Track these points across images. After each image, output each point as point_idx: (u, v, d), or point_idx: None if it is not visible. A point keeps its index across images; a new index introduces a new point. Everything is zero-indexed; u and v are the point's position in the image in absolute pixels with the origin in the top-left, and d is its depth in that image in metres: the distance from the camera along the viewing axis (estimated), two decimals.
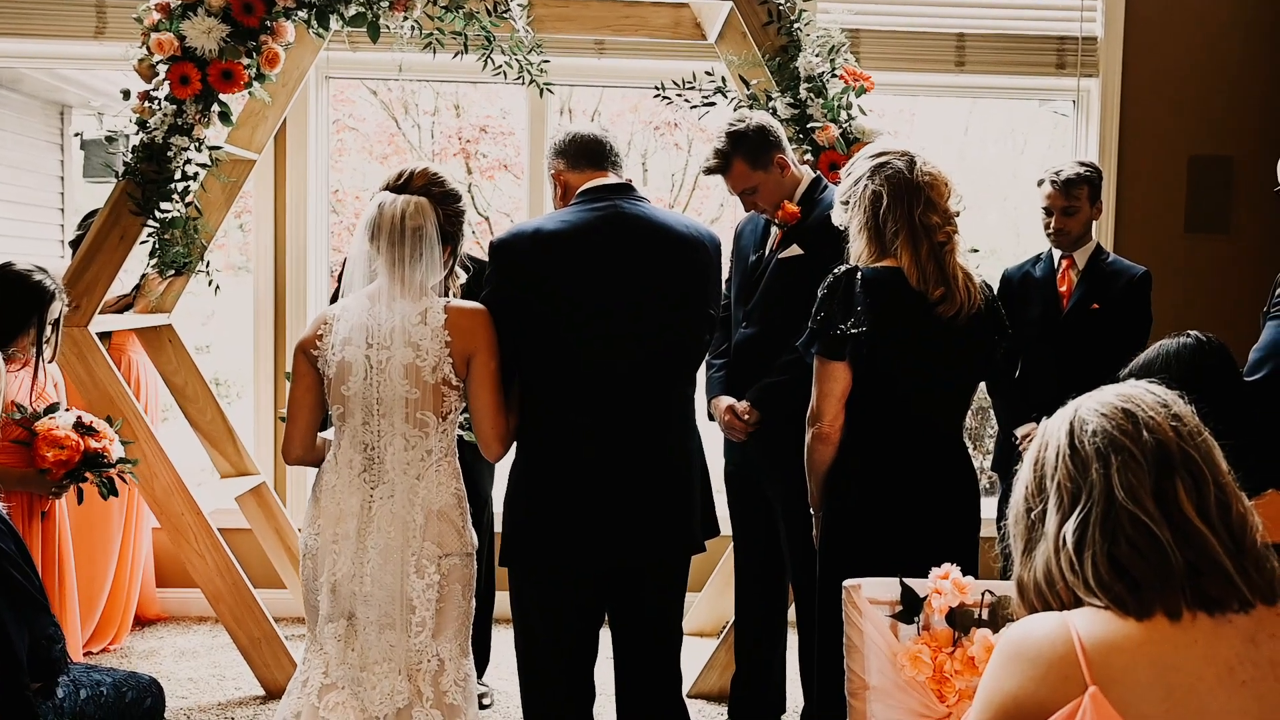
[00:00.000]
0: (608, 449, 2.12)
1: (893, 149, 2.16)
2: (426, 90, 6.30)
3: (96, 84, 5.16)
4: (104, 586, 3.63)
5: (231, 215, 4.20)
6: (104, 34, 3.99)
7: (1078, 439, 1.16)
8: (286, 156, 4.06)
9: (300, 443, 2.13)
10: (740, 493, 2.90)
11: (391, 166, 2.17)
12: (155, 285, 3.44)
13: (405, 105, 6.50)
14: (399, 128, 6.48)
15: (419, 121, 6.57)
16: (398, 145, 6.62)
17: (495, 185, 6.52)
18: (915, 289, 2.08)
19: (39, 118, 5.37)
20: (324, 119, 4.18)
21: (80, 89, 5.25)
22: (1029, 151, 7.54)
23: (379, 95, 6.37)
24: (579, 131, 2.31)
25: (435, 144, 6.43)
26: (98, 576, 3.61)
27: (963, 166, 7.20)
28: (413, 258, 2.06)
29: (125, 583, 3.71)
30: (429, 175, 2.12)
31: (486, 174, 6.36)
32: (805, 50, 3.15)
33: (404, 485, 2.05)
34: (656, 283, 2.15)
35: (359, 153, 6.80)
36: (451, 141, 6.31)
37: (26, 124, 5.26)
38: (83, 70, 4.91)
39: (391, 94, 6.42)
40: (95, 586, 3.59)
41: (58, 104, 5.53)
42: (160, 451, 3.28)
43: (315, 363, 2.10)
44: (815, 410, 2.14)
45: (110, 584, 3.66)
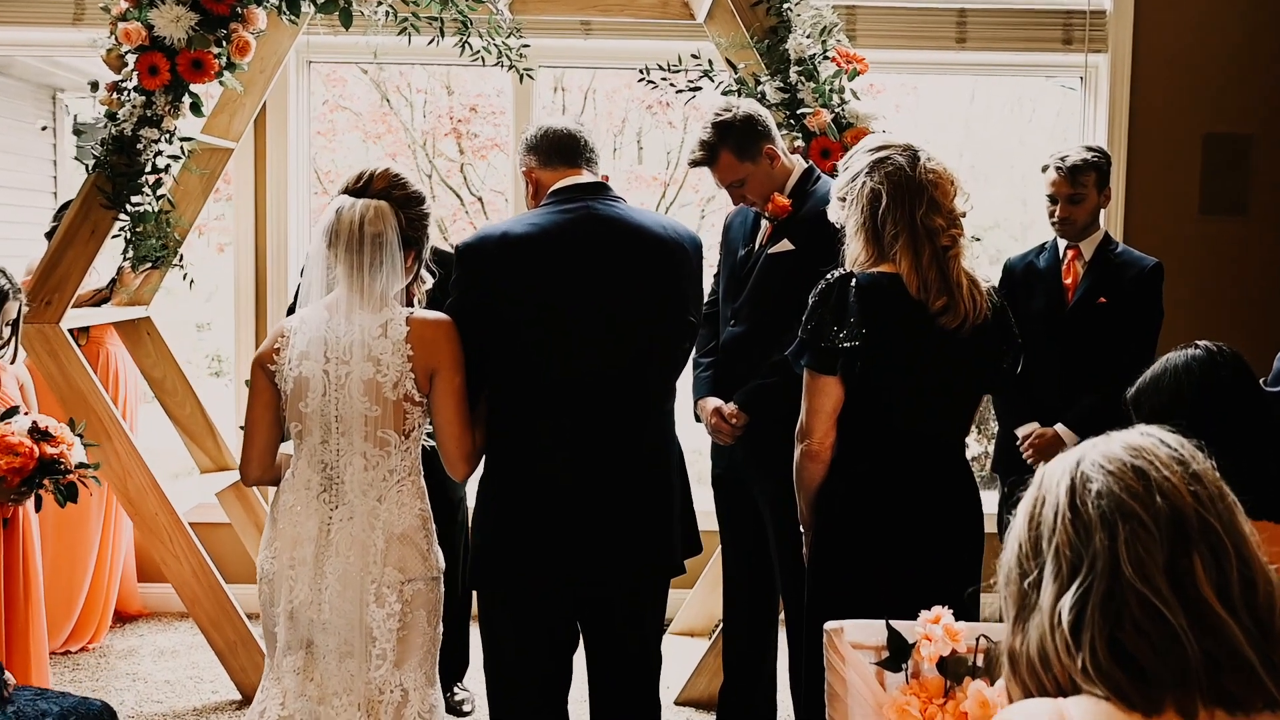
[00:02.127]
0: (581, 465, 2.01)
1: (894, 142, 2.00)
2: (418, 69, 6.14)
3: (88, 68, 5.05)
4: (82, 584, 3.57)
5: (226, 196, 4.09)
6: (82, 20, 3.87)
7: (1080, 499, 1.00)
8: (267, 142, 3.95)
9: (258, 462, 2.03)
10: (728, 497, 2.80)
11: (367, 164, 2.04)
12: (130, 279, 3.35)
13: (397, 85, 6.35)
14: (390, 107, 6.33)
15: (411, 100, 6.42)
16: (390, 125, 6.48)
17: (489, 164, 6.38)
18: (915, 298, 1.93)
19: (30, 101, 5.27)
20: (305, 103, 4.06)
21: (71, 73, 5.15)
22: (1036, 120, 7.36)
23: (369, 75, 6.22)
24: (551, 126, 2.18)
25: (427, 123, 6.29)
26: (76, 574, 3.55)
27: (968, 137, 7.02)
28: (373, 266, 1.95)
29: (105, 579, 3.65)
30: (390, 177, 2.00)
31: (479, 153, 6.22)
32: (796, 31, 3.00)
33: (364, 507, 1.95)
34: (632, 289, 2.04)
35: (352, 132, 6.66)
36: (443, 120, 6.17)
37: (18, 108, 5.17)
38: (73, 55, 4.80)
39: (384, 73, 6.27)
40: (74, 584, 3.54)
41: (49, 87, 5.43)
42: (133, 450, 3.20)
43: (273, 378, 2.00)
44: (804, 426, 2.01)
45: (89, 581, 3.59)
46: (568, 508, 2.01)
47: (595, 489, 2.01)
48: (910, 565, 1.93)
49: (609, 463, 2.02)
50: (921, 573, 1.91)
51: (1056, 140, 7.40)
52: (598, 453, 2.02)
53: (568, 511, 2.01)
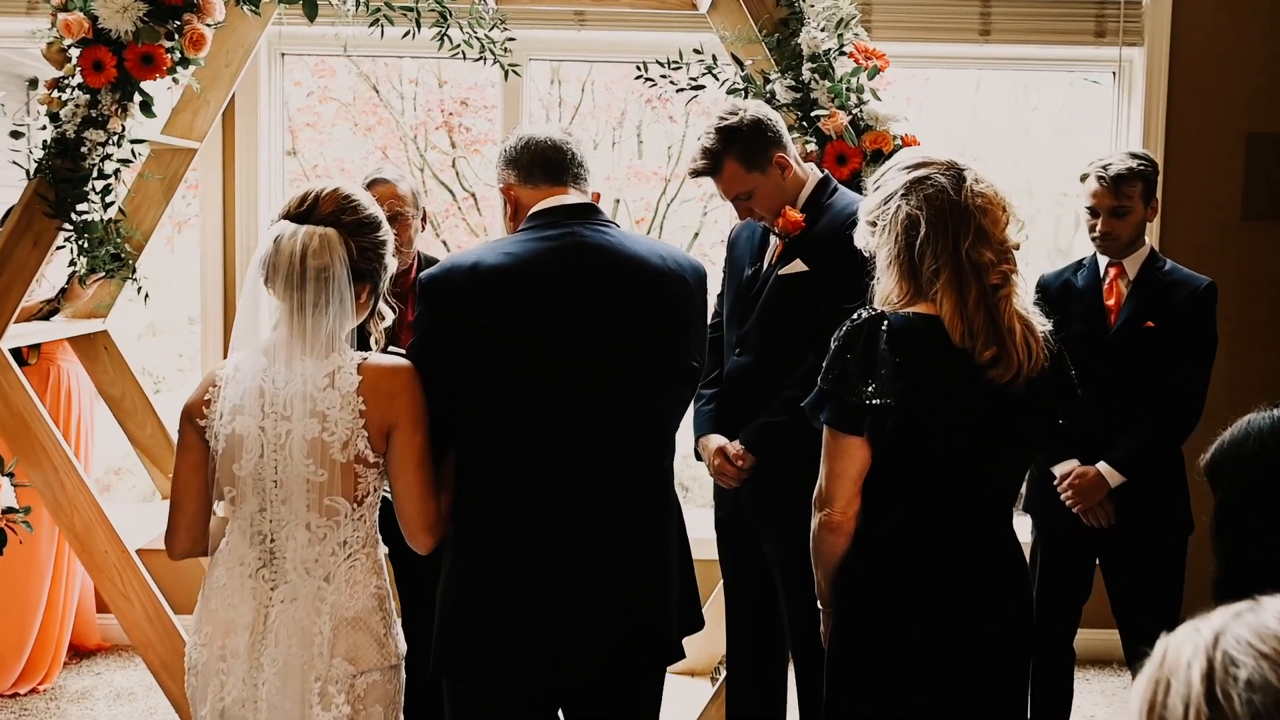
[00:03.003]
0: (564, 534, 1.74)
1: (935, 159, 1.70)
2: (408, 59, 5.84)
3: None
4: (33, 621, 3.31)
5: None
6: (37, 9, 3.58)
7: (1221, 688, 0.72)
8: (236, 139, 3.66)
9: (186, 532, 1.75)
10: (732, 543, 2.52)
11: (313, 183, 1.75)
12: (80, 292, 3.06)
13: (388, 76, 6.05)
14: (381, 98, 6.03)
15: (402, 91, 6.12)
16: (381, 116, 6.18)
17: (484, 158, 6.09)
18: (959, 346, 1.63)
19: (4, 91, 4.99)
20: (278, 97, 3.77)
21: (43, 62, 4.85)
22: (1043, 109, 7.08)
23: (360, 66, 5.91)
24: (534, 136, 1.88)
25: (417, 115, 5.99)
26: (27, 611, 3.29)
27: (974, 126, 6.74)
28: (317, 305, 1.67)
29: (58, 614, 3.38)
30: (339, 199, 1.72)
31: (471, 147, 5.92)
32: (809, 24, 2.71)
33: (308, 588, 1.68)
34: (625, 330, 1.75)
35: (343, 123, 6.37)
36: (434, 113, 5.87)
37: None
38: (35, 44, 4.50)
39: (375, 64, 5.97)
40: (24, 622, 3.28)
41: (20, 78, 5.14)
42: (81, 483, 2.93)
43: (203, 434, 1.72)
44: (824, 492, 1.71)
45: (40, 617, 3.33)
46: (547, 583, 1.73)
47: (581, 562, 1.74)
48: (948, 658, 1.64)
49: (597, 533, 1.75)
50: (961, 668, 1.63)
51: (1062, 131, 7.11)
52: (584, 521, 1.74)
53: (547, 587, 1.73)
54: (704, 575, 3.03)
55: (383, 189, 2.66)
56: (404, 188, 2.71)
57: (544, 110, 5.73)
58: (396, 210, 2.64)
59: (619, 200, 6.00)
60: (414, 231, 2.71)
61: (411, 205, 2.70)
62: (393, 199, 2.65)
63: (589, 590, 1.74)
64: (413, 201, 2.71)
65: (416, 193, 2.75)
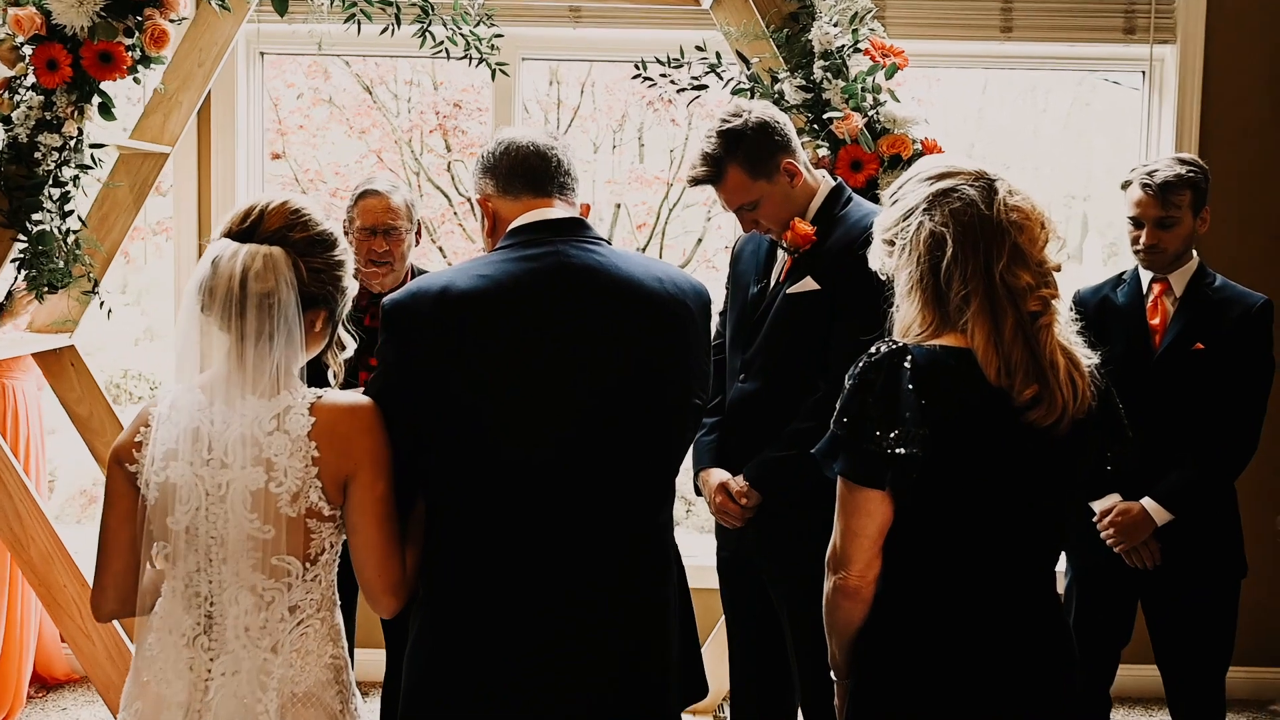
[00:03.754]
0: (546, 600, 1.52)
1: (962, 168, 1.48)
2: (403, 60, 5.65)
3: None
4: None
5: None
6: None
7: None
8: (212, 141, 3.46)
9: (114, 592, 1.54)
10: (737, 586, 2.31)
11: (258, 196, 1.55)
12: (21, 306, 2.86)
13: (382, 77, 5.86)
14: (375, 99, 5.84)
15: (396, 93, 5.93)
16: (375, 119, 5.99)
17: None
18: (994, 385, 1.42)
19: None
20: (257, 98, 3.57)
21: None
22: (1051, 110, 6.88)
23: (353, 66, 5.72)
24: (515, 140, 1.66)
25: (412, 117, 5.79)
26: None
27: (981, 128, 6.54)
28: (260, 336, 1.46)
29: (17, 645, 3.18)
30: (287, 214, 1.51)
31: (468, 151, 5.72)
32: (820, 18, 2.50)
33: (253, 660, 1.47)
34: (615, 363, 1.53)
35: (337, 126, 6.19)
36: (427, 117, 5.67)
37: None
38: None
39: (368, 64, 5.78)
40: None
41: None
42: (36, 509, 2.74)
43: (134, 480, 1.51)
44: (838, 553, 1.49)
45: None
46: (526, 655, 1.52)
47: (566, 632, 1.53)
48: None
49: (585, 598, 1.53)
50: None
51: (1073, 132, 6.91)
52: (569, 584, 1.53)
53: (526, 660, 1.52)
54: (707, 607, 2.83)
55: (374, 201, 2.49)
56: (397, 199, 2.51)
57: (542, 112, 5.54)
58: (389, 224, 2.47)
59: (620, 205, 5.80)
60: (407, 246, 2.51)
61: (405, 218, 2.50)
62: (385, 212, 2.47)
63: (575, 663, 1.53)
64: (406, 214, 2.51)
65: (411, 204, 2.55)
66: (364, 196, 2.51)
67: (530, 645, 1.52)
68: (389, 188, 2.54)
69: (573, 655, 1.53)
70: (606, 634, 1.54)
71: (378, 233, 2.45)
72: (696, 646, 1.71)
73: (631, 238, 5.87)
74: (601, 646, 1.54)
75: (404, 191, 2.56)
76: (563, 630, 1.52)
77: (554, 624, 1.52)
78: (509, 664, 1.52)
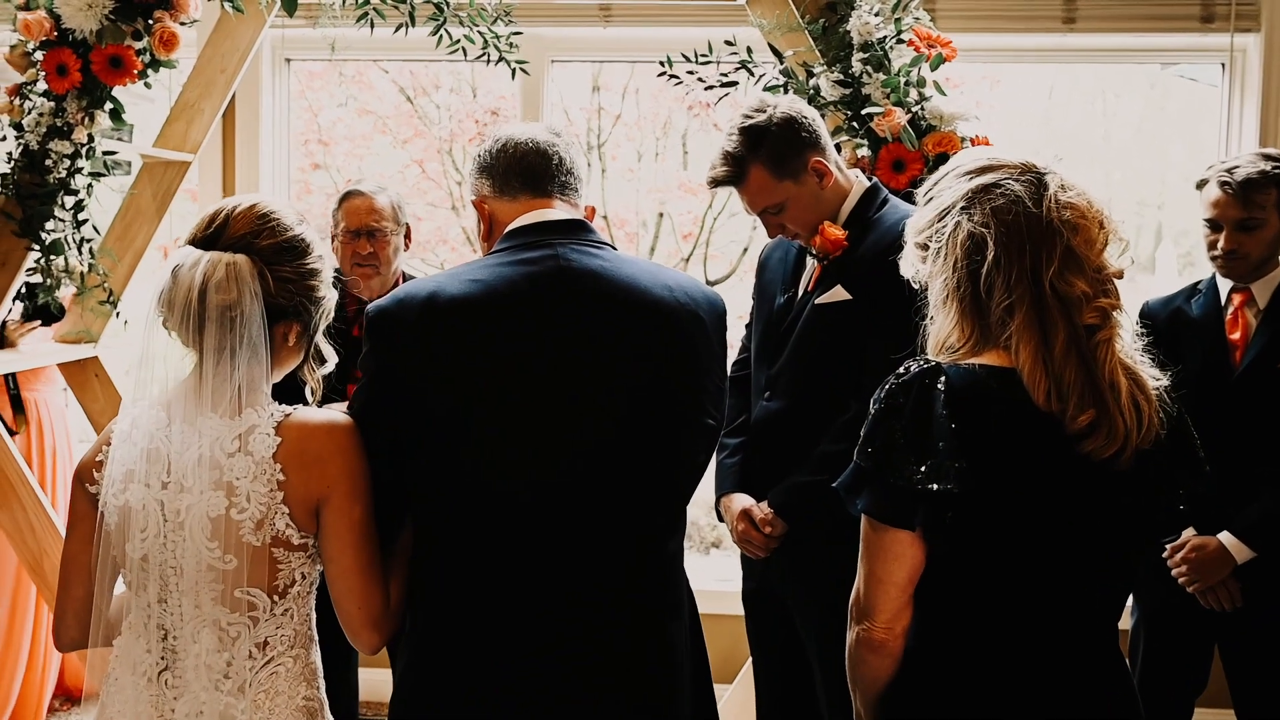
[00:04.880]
0: (542, 637, 1.38)
1: (1005, 161, 1.31)
2: (444, 68, 5.60)
3: None
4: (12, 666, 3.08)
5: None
6: None
7: None
8: (236, 149, 3.41)
9: (76, 619, 1.44)
10: (762, 618, 2.14)
11: (225, 201, 1.43)
12: (13, 334, 2.82)
13: (423, 86, 5.81)
14: (414, 108, 5.79)
15: (438, 101, 5.87)
16: (417, 128, 5.95)
17: None
18: (1042, 410, 1.24)
19: None
20: (283, 105, 3.51)
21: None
22: (1122, 114, 6.57)
23: (391, 75, 5.69)
24: (513, 137, 1.53)
25: (452, 125, 5.73)
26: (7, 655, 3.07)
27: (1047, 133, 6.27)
28: (222, 351, 1.34)
29: (40, 658, 3.15)
30: (254, 218, 1.39)
31: None
32: (860, 8, 2.32)
33: (215, 703, 1.35)
34: (620, 380, 1.39)
35: (379, 135, 6.17)
36: (466, 125, 5.60)
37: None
38: None
39: (408, 72, 5.74)
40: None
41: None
42: (51, 525, 2.69)
43: (96, 501, 1.41)
44: (862, 601, 1.31)
45: (15, 657, 3.09)
46: (524, 702, 1.37)
47: (563, 678, 1.38)
48: None
49: (585, 641, 1.38)
50: None
51: (1146, 136, 6.59)
52: (567, 625, 1.38)
53: (525, 707, 1.38)
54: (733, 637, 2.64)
55: (358, 201, 2.44)
56: (382, 200, 2.45)
57: (584, 119, 5.43)
58: (373, 225, 2.41)
59: (663, 214, 5.66)
60: (394, 249, 2.42)
61: (391, 220, 2.43)
62: (369, 213, 2.42)
63: (570, 705, 1.38)
64: (393, 216, 2.43)
65: (398, 206, 2.48)
66: (348, 198, 2.47)
67: (527, 687, 1.37)
68: (374, 189, 2.50)
69: (571, 706, 1.38)
70: (610, 683, 1.39)
71: (362, 234, 2.39)
72: (710, 694, 1.54)
73: (676, 247, 5.72)
74: (604, 699, 1.39)
75: (390, 193, 2.51)
76: (560, 677, 1.38)
77: (549, 671, 1.38)
78: (499, 713, 1.38)
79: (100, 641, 1.45)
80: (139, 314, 3.10)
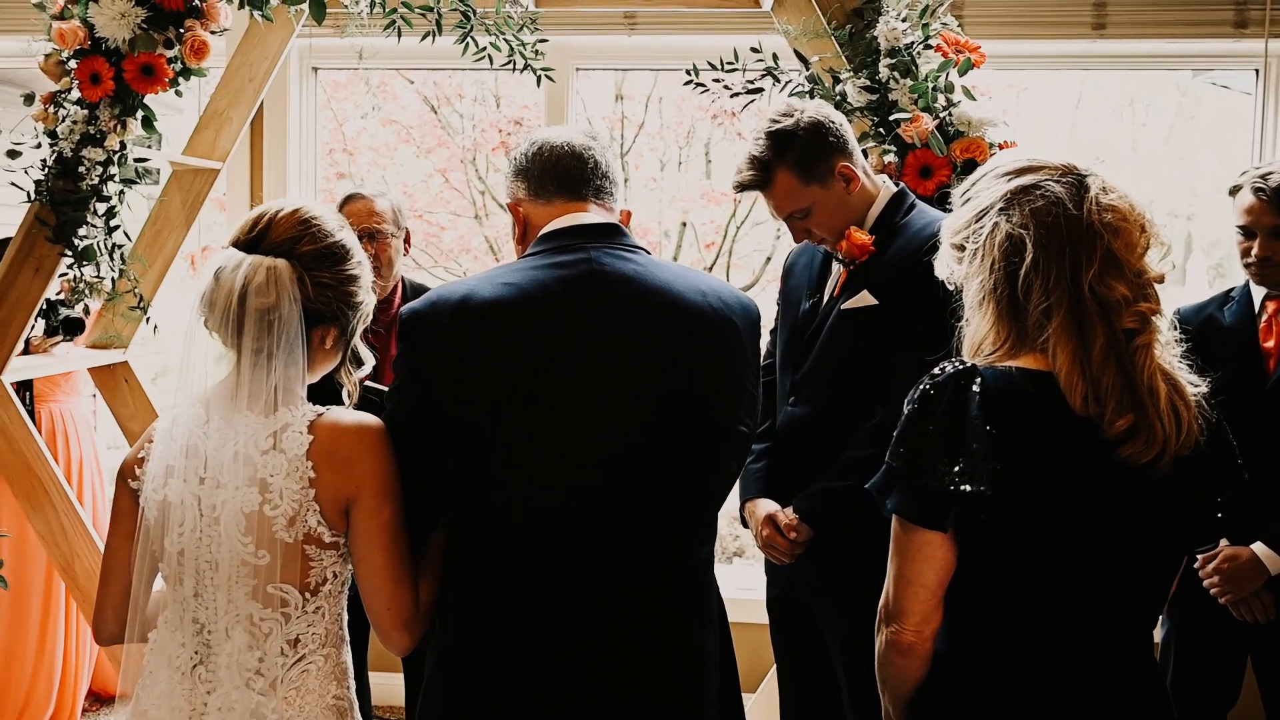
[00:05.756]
0: (569, 641, 1.38)
1: (1046, 162, 1.30)
2: (467, 78, 5.64)
3: None
4: (33, 666, 3.12)
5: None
6: None
7: None
8: (264, 158, 3.45)
9: (115, 614, 1.47)
10: (787, 625, 2.13)
11: (269, 204, 1.45)
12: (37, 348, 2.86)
13: (447, 96, 5.86)
14: (438, 117, 5.83)
15: (461, 111, 5.91)
16: (441, 138, 5.99)
17: None
18: (1079, 413, 1.23)
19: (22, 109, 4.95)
20: (310, 114, 3.55)
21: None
22: (1151, 124, 6.52)
23: (416, 84, 5.74)
24: (549, 140, 1.53)
25: (476, 134, 5.77)
26: (25, 654, 3.10)
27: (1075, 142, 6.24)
28: (259, 353, 1.36)
29: (73, 659, 3.19)
30: (296, 223, 1.40)
31: None
32: (887, 12, 2.32)
33: (246, 700, 1.36)
34: (652, 385, 1.38)
35: (404, 145, 6.22)
36: (490, 134, 5.64)
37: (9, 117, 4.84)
38: None
39: (433, 81, 5.79)
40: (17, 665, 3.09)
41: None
42: (82, 527, 2.72)
43: (137, 498, 1.43)
44: (892, 603, 1.30)
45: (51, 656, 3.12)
46: (547, 702, 1.38)
47: (592, 683, 1.38)
48: None
49: (614, 646, 1.38)
50: None
51: (1175, 146, 6.54)
52: (596, 630, 1.38)
53: (548, 708, 1.38)
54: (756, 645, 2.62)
55: (358, 205, 2.47)
56: (382, 204, 2.48)
57: (607, 128, 5.45)
58: (374, 228, 2.43)
59: (686, 223, 5.67)
60: (394, 253, 2.46)
61: (391, 223, 2.46)
62: (370, 215, 2.44)
63: (600, 717, 1.38)
64: (393, 219, 2.47)
65: (399, 210, 2.52)
66: (349, 201, 2.49)
67: (558, 693, 1.37)
68: (375, 192, 2.53)
69: (595, 699, 1.38)
70: (638, 688, 1.38)
71: (363, 237, 2.41)
72: (738, 700, 1.53)
73: (699, 256, 5.72)
74: (633, 702, 1.38)
75: (391, 197, 2.54)
76: (589, 683, 1.38)
77: (579, 676, 1.38)
78: (524, 710, 1.38)
79: (137, 636, 1.47)
80: (168, 319, 3.15)
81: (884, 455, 1.30)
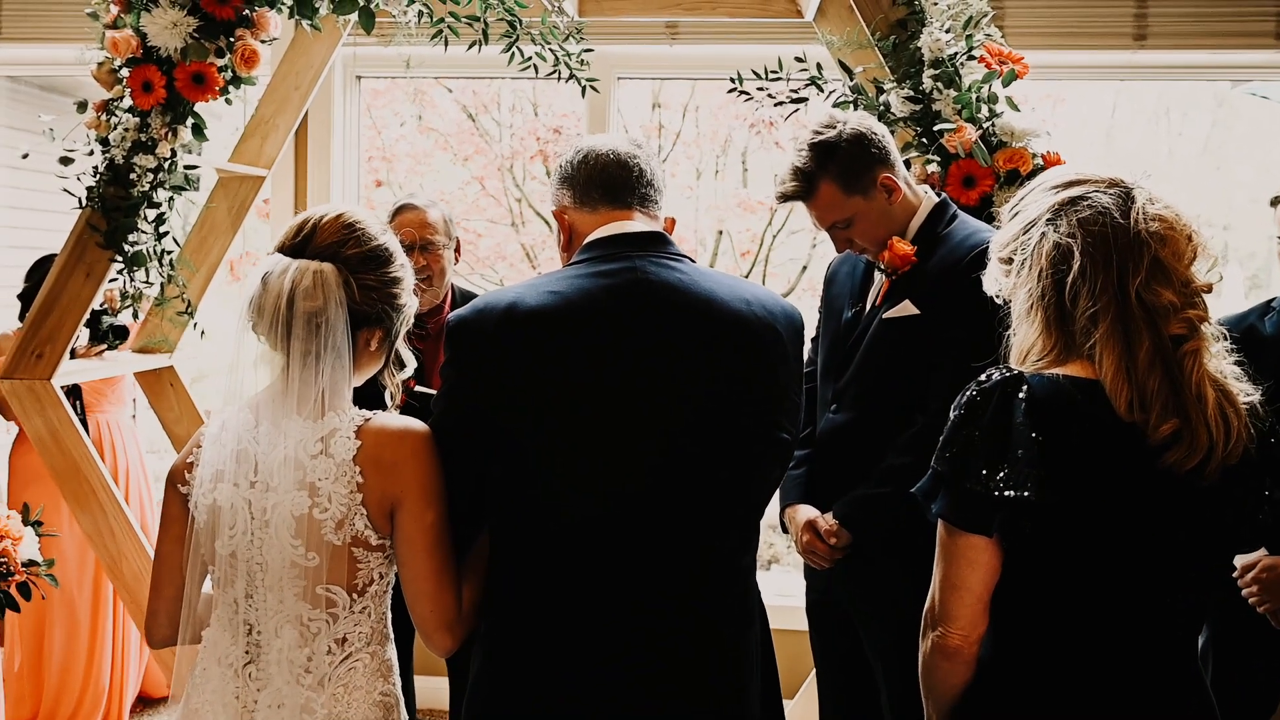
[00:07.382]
0: (609, 646, 1.39)
1: (1093, 175, 1.31)
2: (505, 86, 5.69)
3: None
4: (81, 669, 3.18)
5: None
6: None
7: None
8: (309, 165, 3.50)
9: (168, 617, 1.50)
10: (826, 630, 2.13)
11: (314, 209, 1.47)
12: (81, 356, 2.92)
13: (485, 104, 5.91)
14: (476, 125, 5.89)
15: (499, 119, 5.96)
16: (478, 146, 6.05)
17: None
18: (1125, 419, 1.24)
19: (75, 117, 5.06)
20: (354, 122, 3.60)
21: None
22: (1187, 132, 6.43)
23: (454, 93, 5.80)
24: (594, 148, 1.55)
25: (513, 143, 5.81)
26: (74, 660, 3.16)
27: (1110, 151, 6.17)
28: (307, 356, 1.38)
29: (119, 662, 3.25)
30: (340, 228, 1.43)
31: None
32: (931, 24, 2.32)
33: (296, 696, 1.38)
34: (694, 387, 1.40)
35: (441, 153, 6.28)
36: (528, 142, 5.68)
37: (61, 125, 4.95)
38: None
39: (472, 90, 5.84)
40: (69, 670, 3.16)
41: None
42: (129, 528, 2.76)
43: (187, 502, 1.46)
44: (938, 607, 1.31)
45: (101, 660, 3.19)
46: (587, 707, 1.39)
47: (636, 687, 1.39)
48: None
49: (656, 651, 1.39)
50: None
51: (1212, 156, 6.45)
52: (639, 635, 1.39)
53: (587, 712, 1.39)
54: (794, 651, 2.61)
55: (410, 215, 2.49)
56: (434, 215, 2.51)
57: (644, 136, 5.47)
58: (426, 239, 2.46)
59: (722, 231, 5.68)
60: (446, 263, 2.47)
61: (443, 234, 2.49)
62: (422, 226, 2.47)
63: (644, 714, 1.39)
64: (444, 229, 2.49)
65: (449, 220, 2.55)
66: (401, 211, 2.51)
67: (588, 695, 1.39)
68: (426, 203, 2.55)
69: (633, 704, 1.39)
70: (680, 692, 1.39)
71: (415, 248, 2.45)
72: (779, 704, 1.54)
73: (735, 265, 5.73)
74: (675, 707, 1.39)
75: (441, 207, 2.56)
76: (632, 687, 1.39)
77: (622, 680, 1.39)
78: (565, 715, 1.39)
79: (190, 638, 1.49)
80: (213, 324, 3.20)
81: (923, 463, 1.31)
